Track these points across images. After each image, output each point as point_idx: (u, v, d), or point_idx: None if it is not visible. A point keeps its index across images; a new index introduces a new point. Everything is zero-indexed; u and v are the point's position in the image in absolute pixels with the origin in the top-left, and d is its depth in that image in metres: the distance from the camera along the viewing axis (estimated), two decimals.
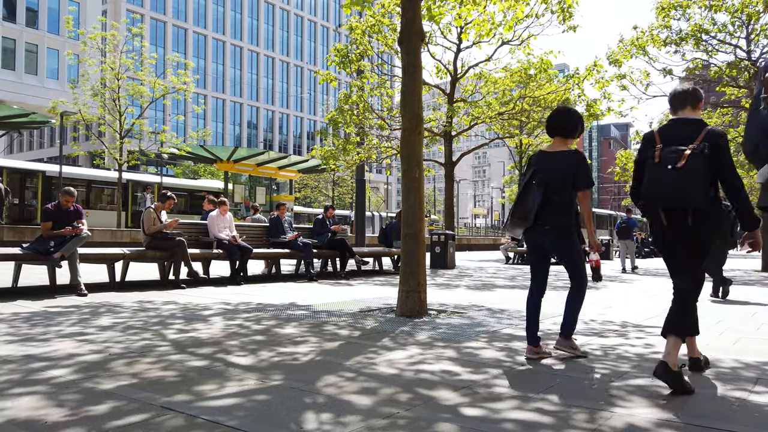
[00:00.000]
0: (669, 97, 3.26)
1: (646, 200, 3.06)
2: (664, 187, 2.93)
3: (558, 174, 3.56)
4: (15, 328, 4.36)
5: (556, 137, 3.70)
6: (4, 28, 36.99)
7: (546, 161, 3.63)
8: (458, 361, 3.54)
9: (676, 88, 3.25)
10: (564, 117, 3.71)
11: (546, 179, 3.54)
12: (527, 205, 3.54)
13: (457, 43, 14.67)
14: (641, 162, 3.16)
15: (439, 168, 18.16)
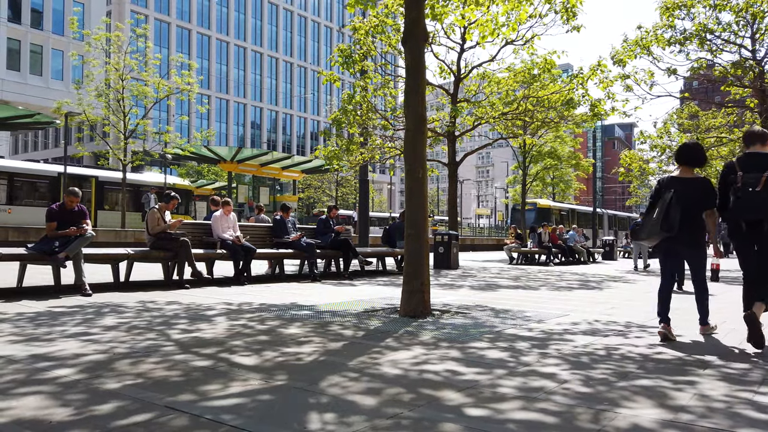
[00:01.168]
0: (745, 135, 4.40)
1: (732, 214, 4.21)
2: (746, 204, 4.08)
3: (692, 195, 4.47)
4: (20, 327, 4.37)
5: (684, 165, 4.62)
6: (9, 29, 37.13)
7: (681, 185, 4.52)
8: (462, 362, 3.54)
9: (753, 129, 4.37)
10: (694, 150, 4.63)
11: (683, 199, 4.42)
12: (671, 219, 4.37)
13: (460, 44, 14.66)
14: (725, 184, 4.31)
15: (442, 168, 18.15)
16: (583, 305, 6.81)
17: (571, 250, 19.34)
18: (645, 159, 31.60)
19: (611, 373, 3.32)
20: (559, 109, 14.99)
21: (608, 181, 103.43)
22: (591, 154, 48.64)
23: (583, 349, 4.01)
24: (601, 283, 10.60)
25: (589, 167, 31.66)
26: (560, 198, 38.72)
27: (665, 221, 4.38)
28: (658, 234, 4.47)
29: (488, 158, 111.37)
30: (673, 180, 4.59)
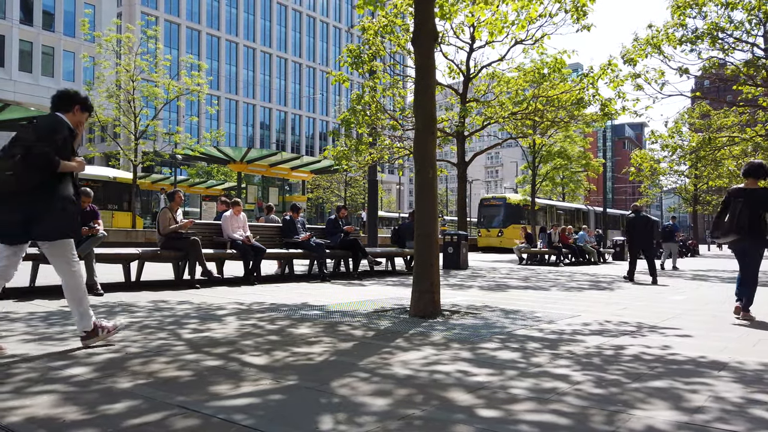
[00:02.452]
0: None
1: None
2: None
3: (759, 203, 5.60)
4: (32, 327, 4.41)
5: (751, 178, 5.74)
6: (21, 30, 37.51)
7: (749, 194, 5.66)
8: (473, 362, 3.52)
9: None
10: (759, 168, 5.73)
11: (751, 206, 5.58)
12: (742, 222, 5.56)
13: (469, 43, 14.63)
14: None
15: (451, 168, 18.12)
16: (594, 306, 6.76)
17: (582, 250, 19.23)
18: (656, 159, 31.38)
19: (623, 374, 3.29)
20: (569, 108, 14.92)
21: (618, 181, 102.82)
22: (601, 153, 48.35)
23: (594, 350, 3.98)
24: (612, 283, 10.53)
25: (599, 167, 31.47)
26: (570, 198, 38.39)
27: (737, 224, 5.55)
28: (731, 235, 5.64)
29: (497, 158, 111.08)
30: (741, 190, 5.73)
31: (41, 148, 3.38)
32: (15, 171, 3.35)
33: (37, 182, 3.42)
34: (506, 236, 29.47)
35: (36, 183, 3.41)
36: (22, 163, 3.35)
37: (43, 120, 3.59)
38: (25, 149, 3.37)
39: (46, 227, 3.49)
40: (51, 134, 3.48)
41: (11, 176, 3.35)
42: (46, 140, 3.43)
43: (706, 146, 18.94)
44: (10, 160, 3.36)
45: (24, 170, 3.36)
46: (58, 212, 3.48)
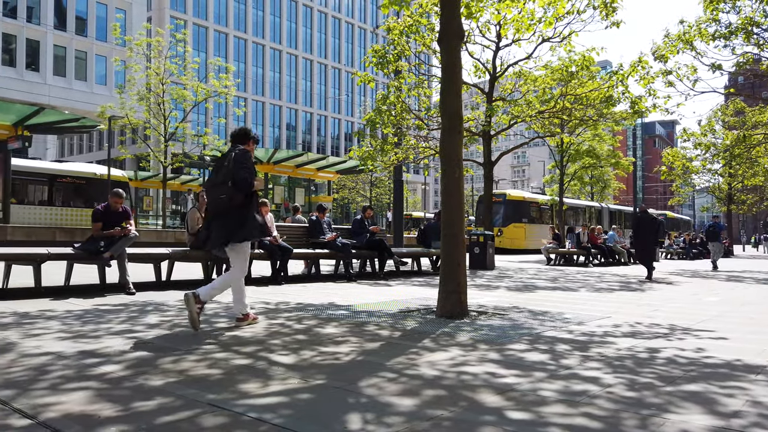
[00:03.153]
0: None
1: None
2: None
3: None
4: (68, 325, 4.52)
5: None
6: (55, 36, 38.54)
7: None
8: (501, 364, 3.49)
9: None
10: None
11: None
12: None
13: (495, 42, 14.51)
14: None
15: (477, 168, 18.01)
16: (625, 307, 6.64)
17: (611, 250, 18.91)
18: (688, 157, 30.65)
19: (657, 378, 3.22)
20: (598, 106, 14.68)
21: (649, 180, 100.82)
22: (631, 152, 47.40)
23: (626, 353, 3.90)
24: (643, 284, 10.33)
25: (629, 166, 30.85)
26: (598, 198, 37.69)
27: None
28: None
29: (524, 158, 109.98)
30: None
31: (242, 174, 4.41)
32: (228, 195, 4.41)
33: (241, 201, 4.46)
34: (506, 236, 27.70)
35: (240, 202, 4.46)
36: (233, 189, 4.40)
37: (238, 153, 4.56)
38: (231, 177, 4.41)
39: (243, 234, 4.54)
40: (246, 163, 4.51)
41: (225, 198, 4.41)
42: (244, 168, 4.45)
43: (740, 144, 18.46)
44: (223, 186, 4.44)
45: (234, 194, 4.42)
46: (252, 221, 4.55)
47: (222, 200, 4.44)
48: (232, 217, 4.47)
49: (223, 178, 4.45)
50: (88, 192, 22.14)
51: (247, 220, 4.50)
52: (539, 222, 30.09)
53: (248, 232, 4.53)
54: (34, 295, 6.20)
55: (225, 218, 4.48)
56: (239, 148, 4.62)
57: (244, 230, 4.50)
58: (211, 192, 4.57)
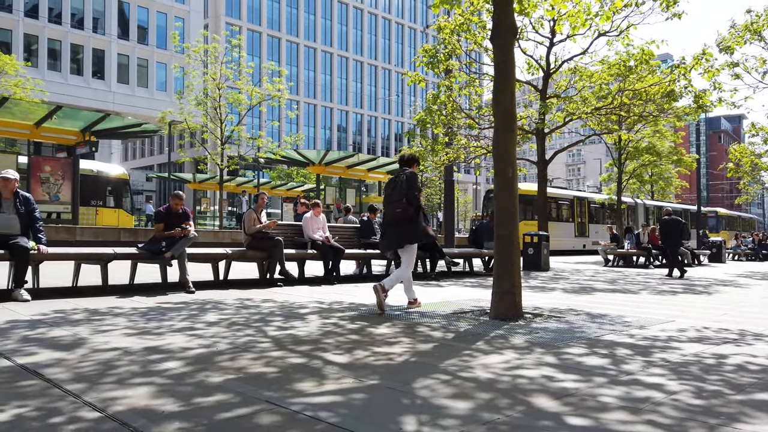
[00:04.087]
0: None
1: None
2: None
3: None
4: (133, 322, 4.72)
5: None
6: (119, 45, 40.40)
7: None
8: (558, 368, 3.40)
9: None
10: None
11: None
12: None
13: (549, 37, 14.19)
14: None
15: (531, 167, 17.65)
16: (690, 311, 6.35)
17: None
18: (757, 153, 29.01)
19: (726, 385, 3.06)
20: (659, 101, 14.12)
21: (713, 178, 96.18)
22: (694, 149, 45.37)
23: (692, 358, 3.73)
24: (709, 287, 9.85)
25: (692, 163, 29.47)
26: (659, 197, 36.16)
27: None
28: None
29: (579, 156, 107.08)
30: None
31: (413, 193, 5.62)
32: (403, 209, 5.61)
33: (411, 214, 5.62)
34: None
35: (411, 215, 5.62)
36: (406, 204, 5.60)
37: (409, 176, 5.72)
38: (405, 194, 5.61)
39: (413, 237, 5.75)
40: (415, 183, 5.71)
41: (401, 212, 5.63)
42: (414, 188, 5.67)
43: None
44: (398, 202, 5.63)
45: (407, 207, 5.60)
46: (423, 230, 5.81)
47: (397, 213, 5.65)
48: (405, 226, 5.68)
49: (398, 195, 5.64)
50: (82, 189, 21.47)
51: (417, 228, 5.71)
52: (557, 219, 27.28)
53: (417, 237, 5.77)
54: (101, 293, 6.51)
55: (399, 227, 5.71)
56: (407, 170, 5.81)
57: (414, 236, 5.74)
58: (389, 206, 5.75)
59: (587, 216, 29.70)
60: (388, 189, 5.80)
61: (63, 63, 37.97)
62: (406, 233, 5.72)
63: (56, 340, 3.87)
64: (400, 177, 5.72)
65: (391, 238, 5.88)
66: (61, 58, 37.99)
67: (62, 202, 17.87)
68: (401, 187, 5.66)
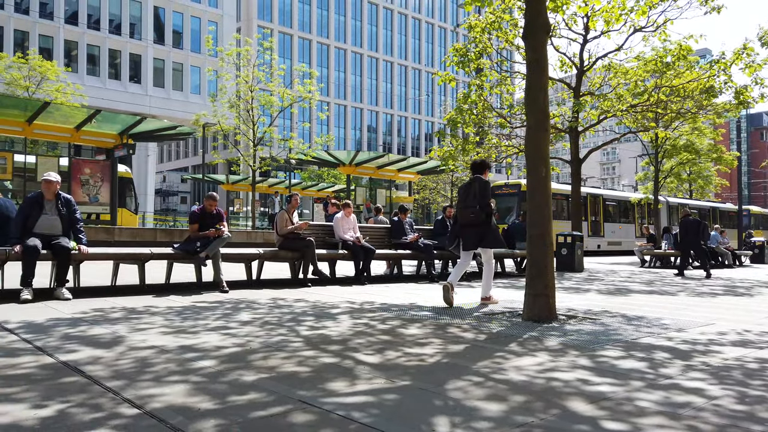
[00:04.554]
0: None
1: None
2: None
3: None
4: (169, 320, 4.82)
5: None
6: (154, 50, 41.36)
7: None
8: (594, 371, 3.34)
9: None
10: None
11: None
12: None
13: (583, 34, 13.95)
14: None
15: (564, 166, 17.38)
16: (731, 313, 6.15)
17: (714, 252, 17.61)
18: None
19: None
20: (697, 98, 13.73)
21: (756, 176, 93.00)
22: (735, 146, 43.91)
23: (734, 363, 3.61)
24: (751, 288, 9.53)
25: (732, 161, 28.53)
26: (698, 195, 35.09)
27: None
28: None
29: (614, 154, 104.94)
30: None
31: (486, 201, 6.23)
32: (476, 214, 6.22)
33: (485, 218, 6.24)
34: None
35: (484, 219, 6.24)
36: (480, 210, 6.21)
37: (481, 182, 6.36)
38: (478, 201, 6.23)
39: (489, 241, 6.35)
40: (488, 191, 6.32)
41: (474, 216, 6.23)
42: (487, 196, 6.27)
43: None
44: (472, 208, 6.24)
45: (480, 212, 6.22)
46: (495, 233, 6.42)
47: (472, 218, 6.26)
48: (480, 229, 6.28)
49: (472, 201, 6.28)
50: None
51: (490, 231, 6.35)
52: (566, 218, 23.86)
53: (493, 242, 6.43)
54: (138, 292, 6.67)
55: (474, 230, 6.30)
56: (480, 178, 6.42)
57: (488, 238, 6.35)
58: (464, 211, 6.36)
59: (602, 214, 27.32)
60: (462, 194, 6.49)
61: (101, 68, 39.06)
62: (484, 236, 6.32)
63: (96, 338, 3.98)
64: (473, 185, 6.35)
65: (469, 239, 6.40)
66: (99, 63, 39.08)
67: (101, 203, 18.40)
68: (475, 194, 6.28)
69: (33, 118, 16.96)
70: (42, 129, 17.73)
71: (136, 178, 40.11)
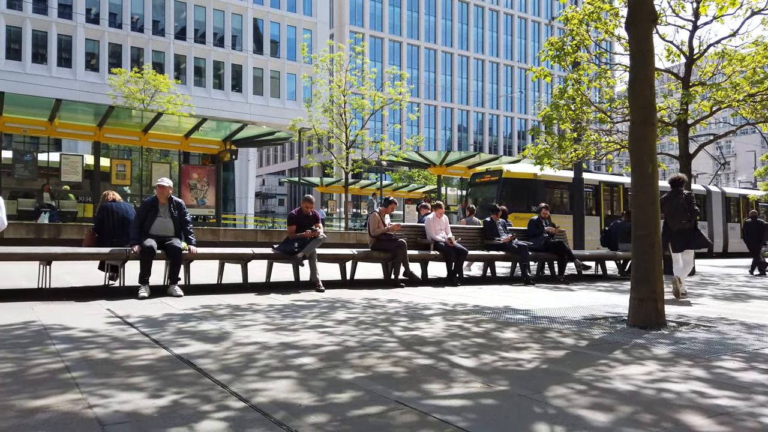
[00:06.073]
0: None
1: None
2: None
3: None
4: (270, 318, 5.03)
5: None
6: (254, 59, 43.54)
7: None
8: (710, 382, 3.08)
9: None
10: None
11: None
12: None
13: (692, 20, 12.96)
14: None
15: (670, 162, 16.25)
16: None
17: None
18: None
19: None
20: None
21: None
22: None
23: None
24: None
25: None
26: None
27: None
28: None
29: (729, 148, 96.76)
30: None
31: (694, 210, 7.68)
32: (686, 219, 7.68)
33: (694, 224, 7.74)
34: None
35: (694, 225, 7.73)
36: (692, 217, 7.67)
37: (687, 196, 7.77)
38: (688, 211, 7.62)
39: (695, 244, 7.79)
40: (693, 202, 7.80)
41: (685, 223, 7.69)
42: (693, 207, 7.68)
43: None
44: (683, 214, 7.65)
45: (692, 219, 7.69)
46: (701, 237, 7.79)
47: (683, 224, 7.70)
48: (689, 233, 7.72)
49: (682, 209, 7.67)
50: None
51: (697, 235, 7.75)
52: (566, 212, 19.91)
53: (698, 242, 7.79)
54: (242, 290, 7.04)
55: (685, 234, 7.72)
56: (684, 192, 7.79)
57: (695, 242, 7.78)
58: (674, 218, 7.73)
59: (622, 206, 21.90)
60: (668, 205, 7.75)
61: (207, 79, 41.71)
62: (690, 240, 7.75)
63: (205, 333, 4.24)
64: (678, 198, 7.74)
65: (679, 241, 7.79)
66: (205, 75, 41.75)
67: (208, 206, 19.64)
68: (683, 205, 7.69)
69: (148, 128, 18.44)
70: (155, 138, 19.24)
71: (238, 181, 42.50)
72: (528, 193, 19.98)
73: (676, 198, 7.78)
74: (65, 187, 18.42)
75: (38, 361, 3.27)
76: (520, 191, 19.99)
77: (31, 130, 18.07)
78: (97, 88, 34.60)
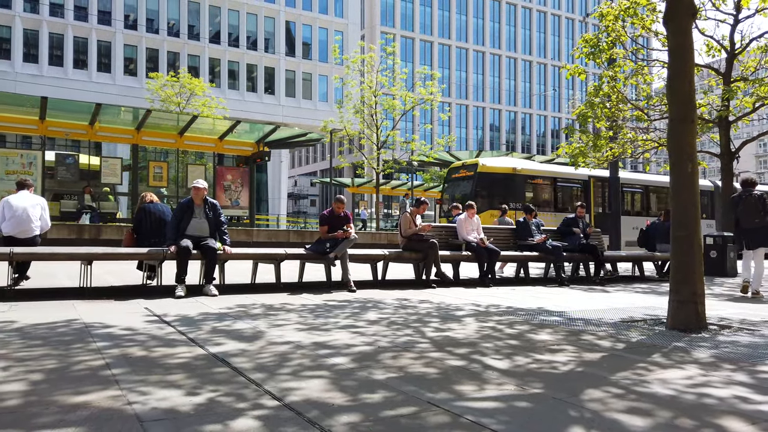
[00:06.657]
0: None
1: None
2: None
3: None
4: (303, 317, 5.08)
5: None
6: (286, 61, 44.03)
7: None
8: (754, 388, 2.98)
9: None
10: None
11: None
12: None
13: (734, 14, 12.57)
14: None
15: (711, 160, 15.79)
16: None
17: None
18: None
19: None
20: None
21: None
22: None
23: None
24: None
25: None
26: None
27: None
28: None
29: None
30: None
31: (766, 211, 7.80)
32: (759, 219, 7.81)
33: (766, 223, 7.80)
34: None
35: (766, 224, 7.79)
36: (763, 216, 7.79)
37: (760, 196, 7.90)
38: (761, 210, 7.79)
39: None
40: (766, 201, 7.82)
41: (758, 222, 7.82)
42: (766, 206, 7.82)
43: None
44: (756, 214, 7.82)
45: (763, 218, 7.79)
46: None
47: (756, 223, 7.85)
48: (762, 232, 7.86)
49: (754, 210, 7.85)
50: None
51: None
52: (550, 208, 18.97)
53: None
54: (275, 290, 7.12)
55: (759, 232, 7.88)
56: (755, 193, 7.96)
57: None
58: (748, 217, 7.92)
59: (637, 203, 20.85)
60: (742, 205, 7.96)
61: (240, 81, 42.36)
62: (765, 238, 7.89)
63: (239, 332, 4.30)
64: (750, 198, 7.94)
65: (753, 239, 7.98)
66: (238, 78, 42.42)
67: (241, 207, 19.94)
68: (756, 205, 7.86)
69: (183, 131, 18.84)
70: (191, 140, 19.65)
71: (271, 182, 43.03)
72: (506, 188, 18.63)
73: (748, 198, 8.03)
74: (105, 189, 18.97)
75: (80, 358, 3.38)
76: (497, 186, 18.68)
77: (72, 134, 18.69)
78: (135, 92, 35.50)
